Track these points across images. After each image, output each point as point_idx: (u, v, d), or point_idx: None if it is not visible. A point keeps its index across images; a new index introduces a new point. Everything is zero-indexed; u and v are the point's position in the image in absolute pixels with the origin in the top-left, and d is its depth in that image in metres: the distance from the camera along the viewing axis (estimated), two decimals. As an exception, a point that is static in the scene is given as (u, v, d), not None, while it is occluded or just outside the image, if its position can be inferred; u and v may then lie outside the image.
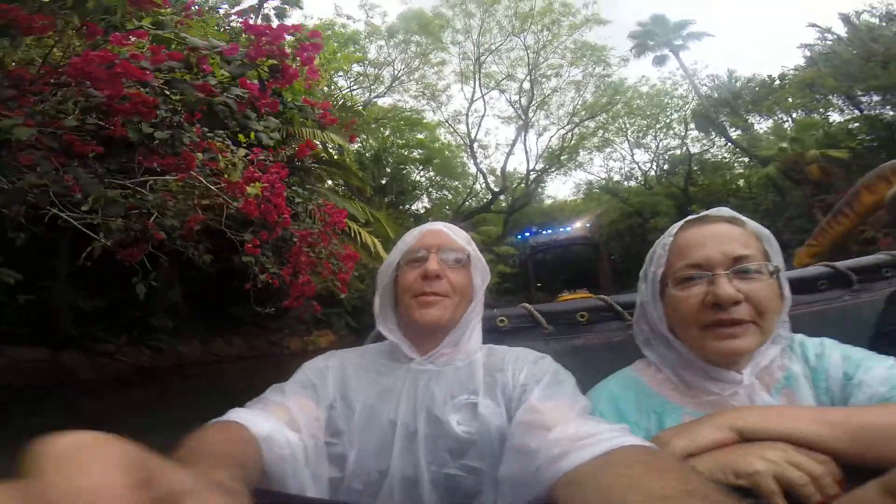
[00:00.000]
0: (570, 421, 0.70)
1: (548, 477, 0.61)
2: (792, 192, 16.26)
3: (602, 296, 1.47)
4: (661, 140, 23.25)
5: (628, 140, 23.03)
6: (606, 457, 0.57)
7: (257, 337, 8.78)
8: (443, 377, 0.95)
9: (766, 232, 0.88)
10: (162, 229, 3.61)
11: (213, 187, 3.71)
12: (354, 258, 4.94)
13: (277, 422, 0.77)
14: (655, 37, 23.02)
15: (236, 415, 0.76)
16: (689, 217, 0.92)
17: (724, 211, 0.90)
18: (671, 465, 0.50)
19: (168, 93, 3.07)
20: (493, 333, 1.36)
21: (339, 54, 14.00)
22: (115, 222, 3.39)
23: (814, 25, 19.60)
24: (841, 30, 18.97)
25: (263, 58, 3.02)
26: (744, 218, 0.89)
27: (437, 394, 0.92)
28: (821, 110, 20.21)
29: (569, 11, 17.85)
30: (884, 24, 18.18)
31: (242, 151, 3.87)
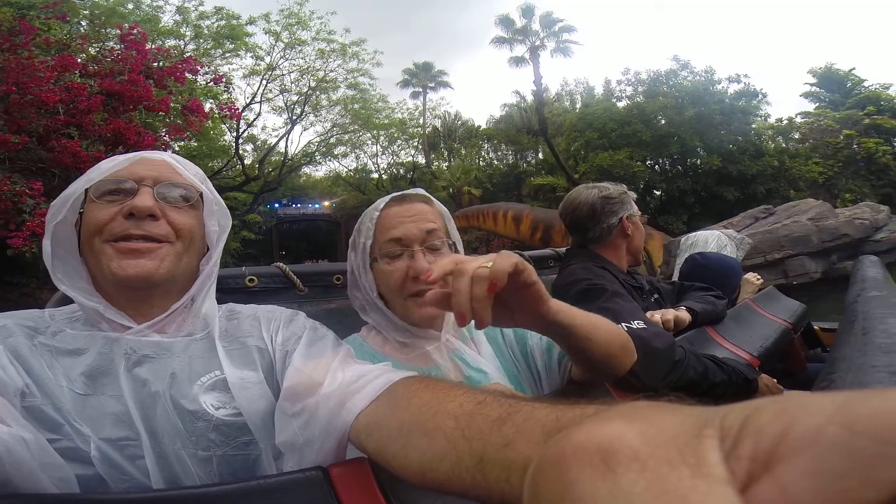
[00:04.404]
0: (337, 370, 0.59)
1: (335, 430, 0.52)
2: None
3: None
4: (400, 151, 24.76)
5: (378, 146, 23.63)
6: (388, 394, 0.50)
7: (11, 290, 7.06)
8: (176, 352, 0.63)
9: (447, 211, 0.91)
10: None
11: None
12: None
13: None
14: (416, 78, 25.38)
15: None
16: (394, 194, 0.88)
17: (420, 191, 0.89)
18: (453, 386, 0.45)
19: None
20: (240, 294, 1.08)
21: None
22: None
23: (516, 92, 23.50)
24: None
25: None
26: (432, 198, 0.89)
27: (175, 374, 0.61)
28: (495, 155, 24.79)
29: (357, 55, 17.42)
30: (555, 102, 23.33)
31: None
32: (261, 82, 16.38)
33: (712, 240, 1.97)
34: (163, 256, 0.64)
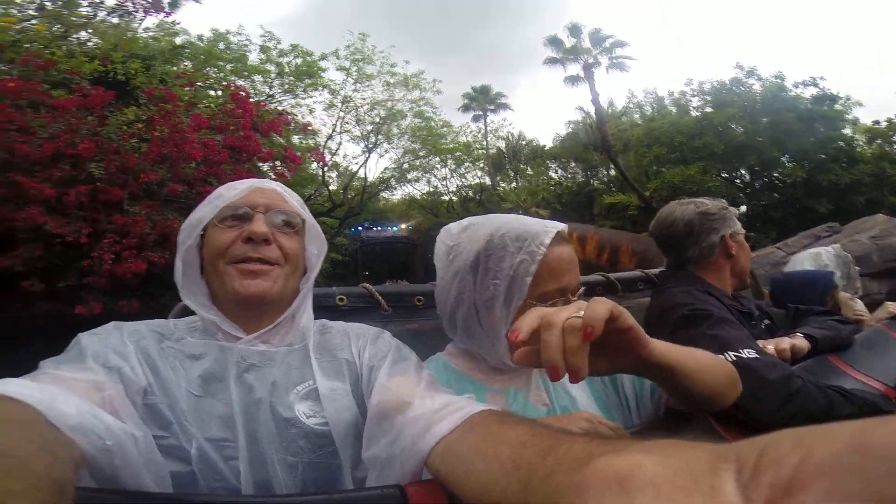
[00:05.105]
0: (425, 396, 0.58)
1: (417, 452, 0.51)
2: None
3: (436, 283, 1.24)
4: (468, 173, 24.70)
5: (446, 169, 23.78)
6: (465, 424, 0.50)
7: (153, 300, 7.79)
8: (278, 361, 0.67)
9: None
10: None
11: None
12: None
13: (87, 403, 0.49)
14: (475, 101, 25.58)
15: (11, 389, 0.43)
16: (558, 230, 0.74)
17: (566, 229, 0.77)
18: (519, 420, 0.46)
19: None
20: (330, 312, 1.06)
21: (228, 66, 12.34)
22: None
23: (580, 108, 22.07)
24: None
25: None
26: None
27: (276, 382, 0.64)
28: (560, 174, 24.05)
29: (418, 84, 17.87)
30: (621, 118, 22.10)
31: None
32: (338, 115, 17.42)
33: (808, 259, 1.75)
34: (275, 278, 0.68)
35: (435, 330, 1.16)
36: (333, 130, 17.72)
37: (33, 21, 6.45)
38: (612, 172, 19.91)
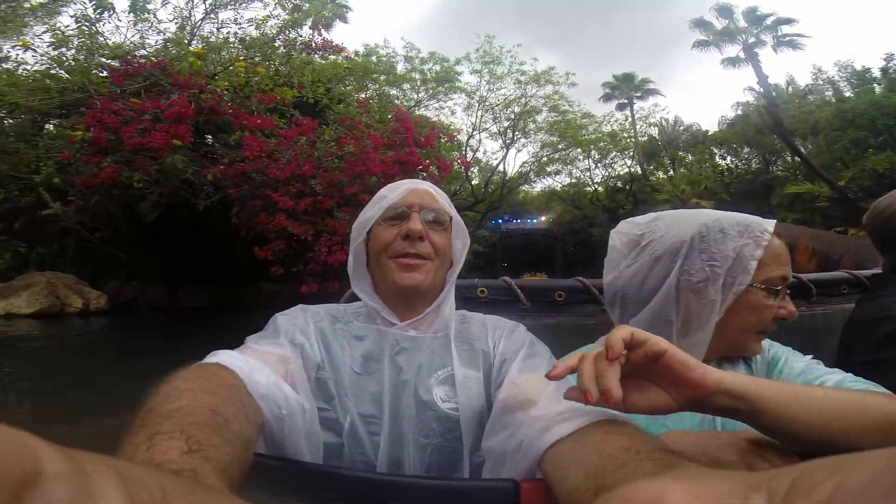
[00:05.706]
0: (551, 397, 0.55)
1: (533, 450, 0.50)
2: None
3: (580, 278, 1.16)
4: (614, 163, 22.43)
5: (590, 160, 21.95)
6: (584, 429, 0.48)
7: (325, 282, 9.25)
8: (424, 346, 0.71)
9: None
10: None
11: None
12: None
13: (274, 375, 0.54)
14: (618, 90, 23.18)
15: (224, 359, 0.51)
16: (774, 223, 0.70)
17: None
18: (626, 431, 0.44)
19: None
20: (471, 302, 1.11)
21: (382, 77, 13.77)
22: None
23: (750, 89, 17.89)
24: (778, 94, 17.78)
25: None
26: None
27: (421, 366, 0.68)
28: (729, 161, 20.00)
29: (550, 80, 17.09)
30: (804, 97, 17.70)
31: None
32: (476, 114, 17.70)
33: None
34: (427, 270, 0.72)
35: (575, 326, 1.11)
36: (473, 129, 18.19)
37: (256, 65, 8.34)
38: (798, 158, 15.61)
